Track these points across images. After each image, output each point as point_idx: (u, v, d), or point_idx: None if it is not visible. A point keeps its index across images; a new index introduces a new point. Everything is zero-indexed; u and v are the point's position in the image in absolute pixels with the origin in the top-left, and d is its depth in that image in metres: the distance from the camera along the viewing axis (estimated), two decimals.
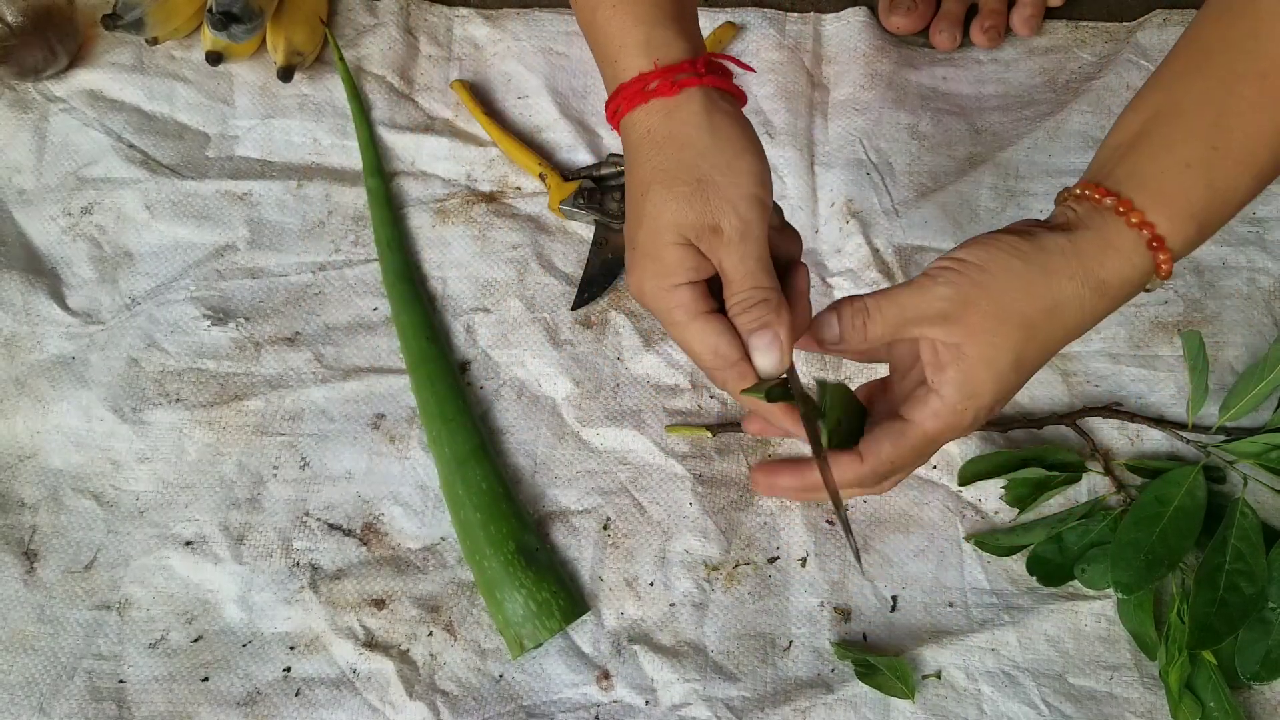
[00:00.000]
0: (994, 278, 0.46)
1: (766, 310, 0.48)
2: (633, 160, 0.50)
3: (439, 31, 0.84)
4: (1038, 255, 0.46)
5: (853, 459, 0.48)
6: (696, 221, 0.47)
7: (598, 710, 0.63)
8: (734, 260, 0.48)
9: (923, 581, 0.65)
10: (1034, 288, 0.46)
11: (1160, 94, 0.48)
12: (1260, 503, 0.64)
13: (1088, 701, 0.62)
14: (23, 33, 0.78)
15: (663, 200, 0.48)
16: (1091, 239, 0.46)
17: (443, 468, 0.67)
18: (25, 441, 0.71)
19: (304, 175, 0.79)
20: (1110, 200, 0.46)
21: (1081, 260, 0.46)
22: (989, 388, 0.47)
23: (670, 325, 0.50)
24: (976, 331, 0.46)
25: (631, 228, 0.50)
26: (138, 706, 0.63)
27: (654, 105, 0.49)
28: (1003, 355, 0.46)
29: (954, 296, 0.46)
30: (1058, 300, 0.46)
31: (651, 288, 0.49)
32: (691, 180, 0.48)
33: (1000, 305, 0.46)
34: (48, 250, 0.77)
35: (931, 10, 0.82)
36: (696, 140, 0.48)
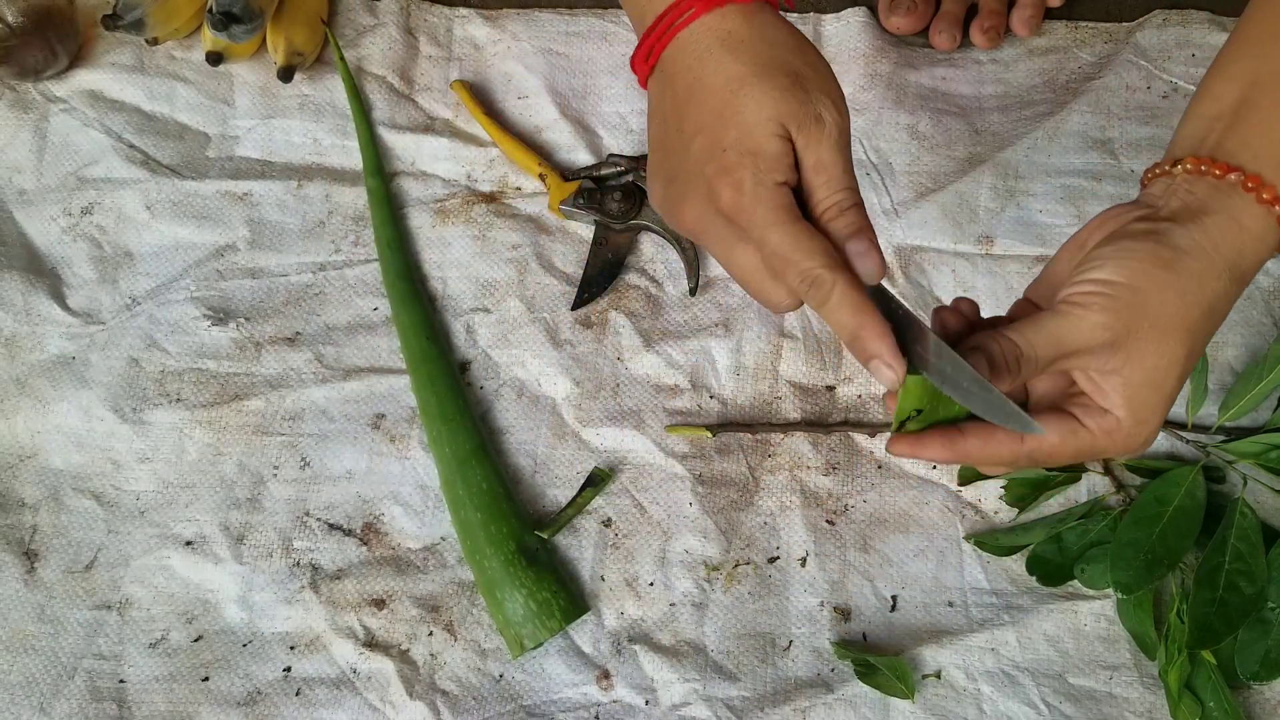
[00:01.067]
0: (1149, 298, 0.43)
1: (861, 215, 0.46)
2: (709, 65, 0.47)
3: (439, 31, 0.84)
4: (1183, 261, 0.43)
5: (1011, 436, 0.45)
6: (799, 111, 0.45)
7: (598, 710, 0.63)
8: (833, 154, 0.45)
9: (922, 581, 0.65)
10: (1188, 297, 0.43)
11: (1253, 61, 0.46)
12: (1260, 502, 0.64)
13: (1087, 701, 0.62)
14: (23, 33, 0.78)
15: (762, 91, 0.45)
16: (1225, 226, 0.44)
17: (443, 467, 0.67)
18: (25, 441, 0.71)
19: (304, 175, 0.79)
20: (1235, 176, 0.44)
21: (1223, 254, 0.44)
22: (1158, 407, 0.45)
23: (770, 227, 0.45)
24: (1140, 356, 0.44)
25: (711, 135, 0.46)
26: (138, 706, 0.63)
27: (730, 10, 0.47)
28: (1169, 372, 0.44)
29: (1114, 325, 0.43)
30: (1212, 303, 0.44)
31: (753, 185, 0.45)
32: (790, 73, 0.46)
33: (1161, 325, 0.43)
34: (48, 250, 0.77)
35: (931, 11, 0.82)
36: (784, 39, 0.47)
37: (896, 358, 0.43)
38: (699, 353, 0.72)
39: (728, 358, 0.72)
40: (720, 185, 0.46)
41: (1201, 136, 0.46)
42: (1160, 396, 0.44)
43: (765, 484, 0.68)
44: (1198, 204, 0.44)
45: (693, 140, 0.48)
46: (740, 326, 0.73)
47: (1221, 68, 0.47)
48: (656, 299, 0.74)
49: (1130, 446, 0.45)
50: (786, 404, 0.70)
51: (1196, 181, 0.45)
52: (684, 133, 0.48)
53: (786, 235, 0.44)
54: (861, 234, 0.45)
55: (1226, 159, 0.45)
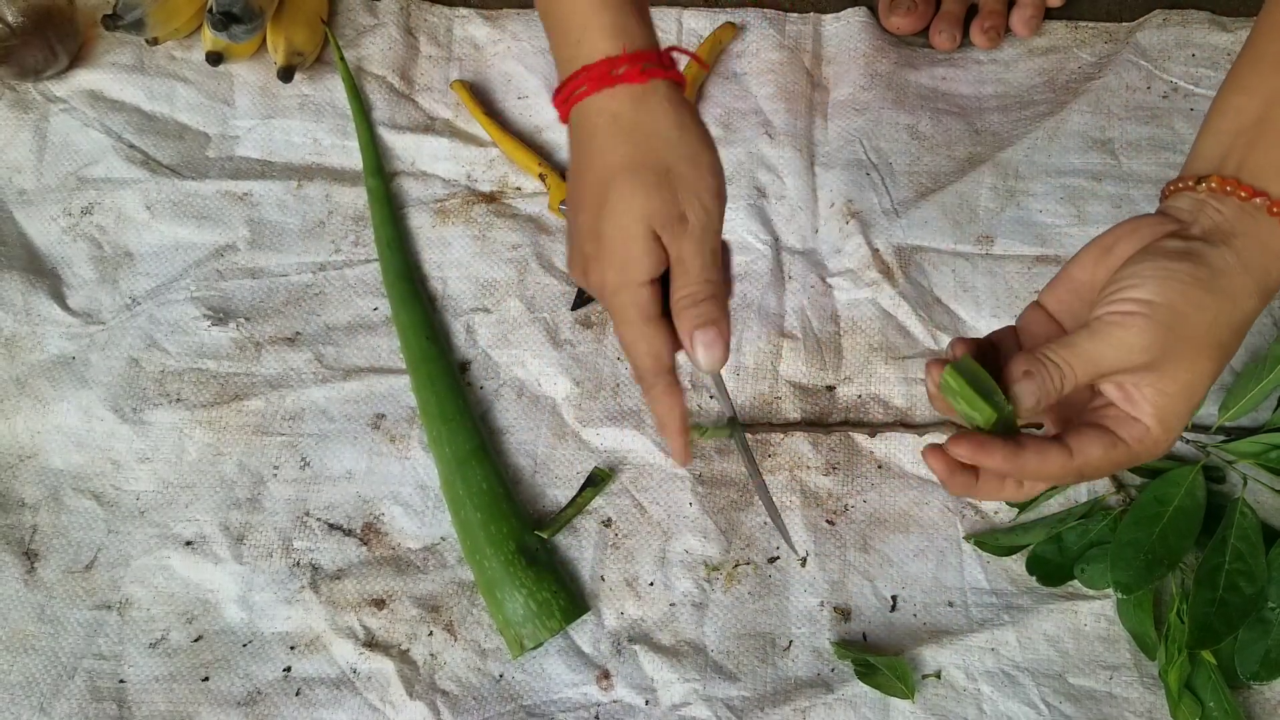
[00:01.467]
0: (1187, 318, 0.44)
1: (714, 307, 0.49)
2: (592, 148, 0.50)
3: (439, 31, 0.84)
4: (1219, 282, 0.44)
5: (1062, 452, 0.45)
6: (663, 211, 0.48)
7: (598, 710, 0.63)
8: (693, 250, 0.48)
9: (922, 581, 0.65)
10: (1222, 316, 0.44)
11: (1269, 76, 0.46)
12: (1259, 502, 0.64)
13: (1087, 701, 0.62)
14: (23, 33, 0.78)
15: (631, 190, 0.48)
16: (1254, 249, 0.45)
17: (443, 467, 0.67)
18: (26, 441, 0.71)
19: (304, 175, 0.79)
20: (1260, 201, 0.45)
21: (1253, 275, 0.45)
22: (1185, 416, 0.46)
23: (622, 323, 0.50)
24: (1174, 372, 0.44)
25: (590, 218, 0.50)
26: (138, 706, 0.63)
27: (620, 91, 0.49)
28: (1199, 386, 0.45)
29: (1153, 346, 0.44)
30: (1241, 322, 0.45)
31: (615, 283, 0.49)
32: (660, 170, 0.48)
33: (1197, 343, 0.44)
34: (48, 250, 0.77)
35: (931, 11, 0.82)
36: (664, 131, 0.49)
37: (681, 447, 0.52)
38: None
39: None
40: (591, 269, 0.51)
41: (1223, 154, 0.46)
42: (1189, 407, 0.45)
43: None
44: (1227, 225, 0.45)
45: (579, 214, 0.51)
46: (740, 326, 0.72)
47: (1239, 82, 0.48)
48: None
49: (1157, 452, 0.47)
50: (786, 404, 0.70)
51: (1223, 201, 0.46)
52: (575, 200, 0.52)
53: (630, 333, 0.50)
54: (708, 326, 0.49)
55: (1251, 181, 0.45)
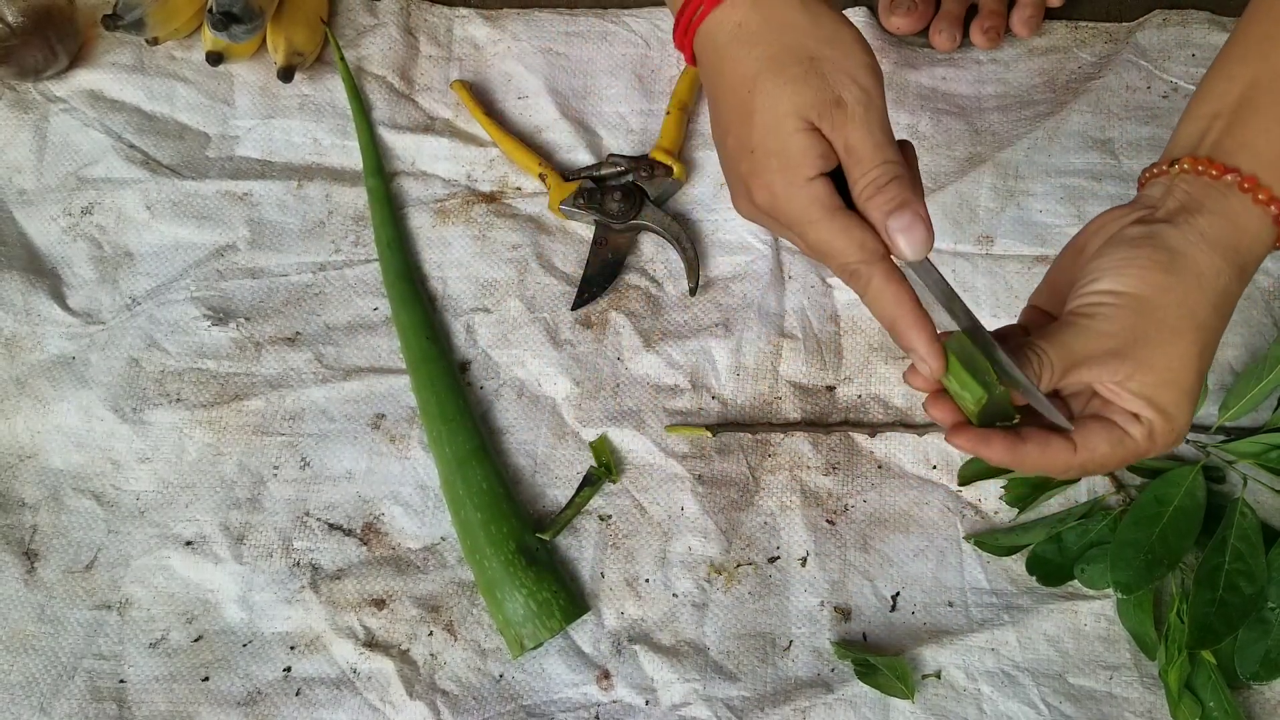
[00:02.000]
0: (1152, 304, 0.44)
1: (901, 188, 0.44)
2: (726, 62, 0.47)
3: (439, 31, 0.84)
4: (1181, 263, 0.44)
5: (1066, 446, 0.46)
6: (817, 99, 0.44)
7: (598, 710, 0.63)
8: (861, 134, 0.44)
9: (922, 581, 0.65)
10: (1191, 297, 0.44)
11: (1251, 63, 0.46)
12: (1259, 502, 0.64)
13: (1087, 701, 0.62)
14: (23, 33, 0.78)
15: (776, 87, 0.45)
16: (1220, 224, 0.44)
17: (443, 467, 0.67)
18: (25, 441, 0.71)
19: (304, 175, 0.79)
20: (1232, 177, 0.44)
21: (1220, 251, 0.44)
22: (1183, 404, 0.45)
23: (807, 225, 0.46)
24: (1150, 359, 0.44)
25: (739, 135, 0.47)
26: (138, 706, 0.63)
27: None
28: (1184, 371, 0.44)
29: (1121, 333, 0.44)
30: (1215, 300, 0.44)
31: (783, 186, 0.45)
32: (802, 59, 0.45)
33: (1168, 327, 0.44)
34: (48, 250, 0.77)
35: (931, 11, 0.82)
36: (795, 20, 0.46)
37: (932, 352, 0.44)
38: (699, 353, 0.72)
39: (728, 358, 0.72)
40: (754, 187, 0.47)
41: (1200, 136, 0.46)
42: (1181, 392, 0.45)
43: (765, 484, 0.68)
44: (1193, 203, 0.45)
45: (725, 138, 0.48)
46: (740, 326, 0.73)
47: (1221, 68, 0.47)
48: (656, 299, 0.74)
49: (1169, 441, 0.46)
50: (786, 404, 0.70)
51: (1193, 181, 0.45)
52: (719, 128, 0.49)
53: (820, 231, 0.45)
54: (902, 209, 0.44)
55: (1224, 159, 0.45)
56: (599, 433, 0.70)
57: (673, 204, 0.78)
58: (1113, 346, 0.44)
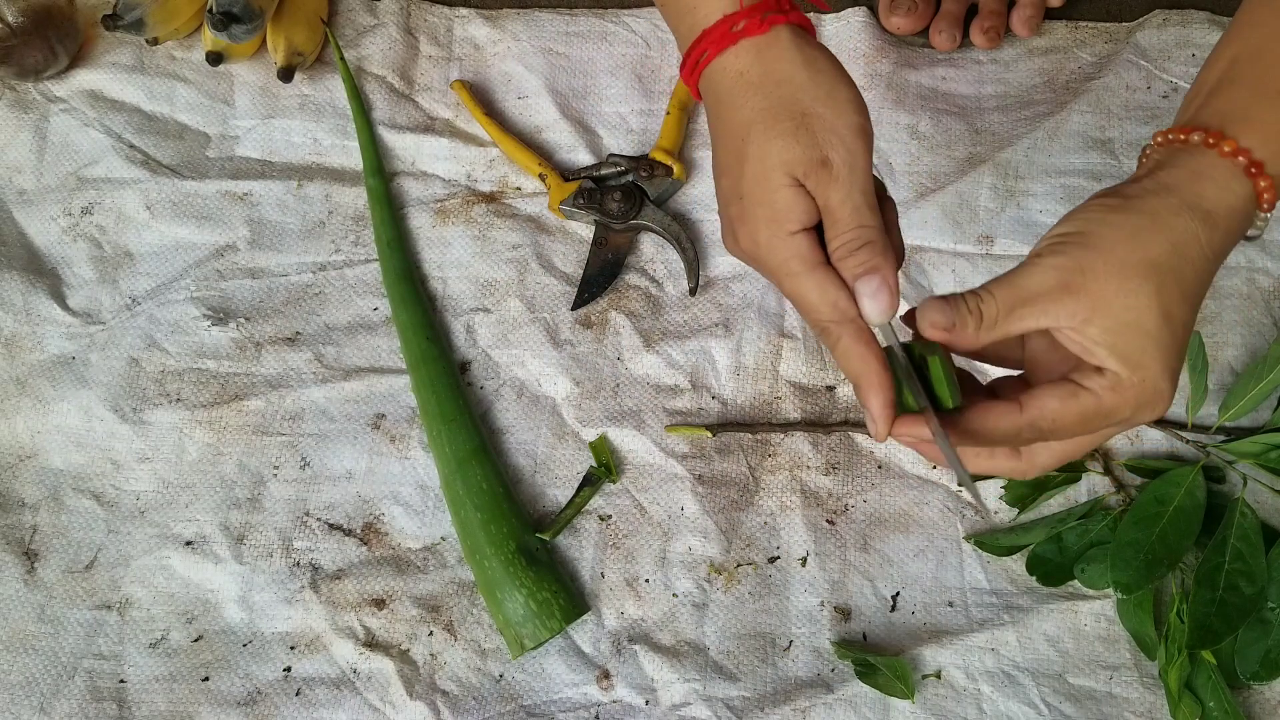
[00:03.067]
0: (1099, 237, 0.43)
1: (873, 253, 0.45)
2: (725, 108, 0.48)
3: (439, 31, 0.84)
4: (1133, 204, 0.44)
5: (1010, 407, 0.44)
6: (804, 157, 0.46)
7: (598, 710, 0.63)
8: (840, 196, 0.46)
9: (922, 581, 0.65)
10: (1143, 234, 0.43)
11: (1236, 44, 0.47)
12: (1260, 503, 0.64)
13: (1087, 701, 0.62)
14: (23, 33, 0.78)
15: (767, 140, 0.46)
16: (1180, 173, 0.44)
17: (443, 467, 0.67)
18: (25, 441, 0.71)
19: (304, 175, 0.79)
20: (1197, 136, 0.44)
21: (1178, 194, 0.43)
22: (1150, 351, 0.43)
23: (785, 277, 0.47)
24: (1104, 296, 0.42)
25: (732, 179, 0.48)
26: (138, 706, 0.63)
27: (743, 46, 0.47)
28: (1145, 311, 0.42)
29: (1066, 265, 0.43)
30: (1173, 239, 0.43)
31: (766, 237, 0.46)
32: (795, 115, 0.46)
33: (1117, 261, 0.42)
34: (48, 250, 0.77)
35: (932, 11, 0.82)
36: (793, 75, 0.47)
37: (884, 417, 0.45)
38: (699, 353, 0.72)
39: (728, 358, 0.72)
40: (740, 232, 0.48)
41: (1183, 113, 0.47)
42: (1148, 340, 0.43)
43: (765, 484, 0.68)
44: (1155, 164, 0.45)
45: (721, 179, 0.49)
46: (740, 326, 0.73)
47: (1211, 57, 0.49)
48: (656, 299, 0.74)
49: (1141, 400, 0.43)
50: (786, 404, 0.70)
51: (1166, 150, 0.46)
52: (716, 168, 0.50)
53: (798, 284, 0.46)
54: (870, 275, 0.45)
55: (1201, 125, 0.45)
56: (599, 433, 0.70)
57: (673, 204, 0.78)
58: (1060, 280, 0.43)
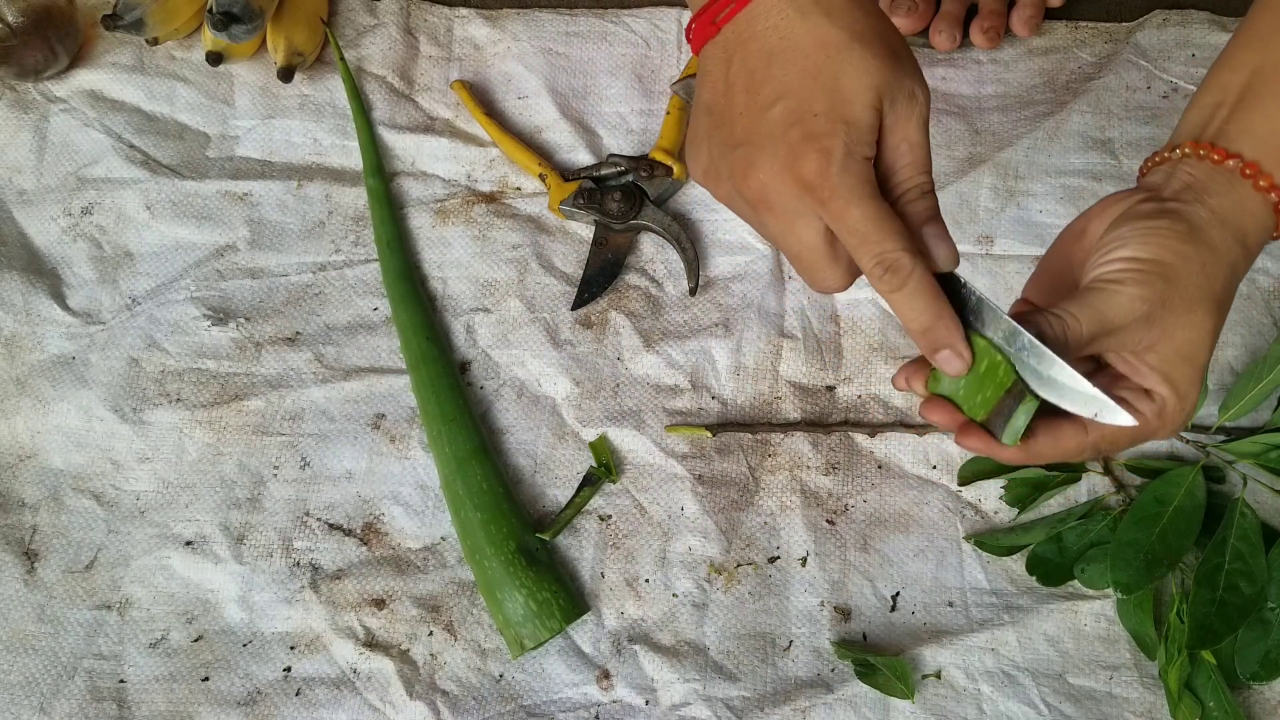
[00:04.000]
0: (1177, 270, 0.43)
1: (936, 202, 0.46)
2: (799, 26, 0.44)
3: (439, 32, 0.84)
4: (1201, 234, 0.44)
5: (1076, 430, 0.45)
6: (896, 84, 0.44)
7: (598, 710, 0.63)
8: (921, 135, 0.45)
9: (922, 581, 0.65)
10: (1209, 269, 0.44)
11: (1255, 52, 0.47)
12: (1260, 503, 0.64)
13: (1087, 701, 0.62)
14: (23, 33, 0.78)
15: (864, 59, 0.44)
16: (1229, 205, 0.45)
17: (443, 467, 0.67)
18: (25, 441, 0.71)
19: (304, 175, 0.79)
20: (1234, 163, 0.45)
21: (1230, 227, 0.45)
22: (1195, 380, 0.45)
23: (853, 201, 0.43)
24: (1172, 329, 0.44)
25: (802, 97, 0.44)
26: (138, 706, 0.63)
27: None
28: (1202, 345, 0.45)
29: (1150, 297, 0.43)
30: (1229, 274, 0.45)
31: (842, 155, 0.43)
32: (889, 44, 0.45)
33: (1190, 296, 0.44)
34: (48, 250, 0.77)
35: (932, 11, 0.82)
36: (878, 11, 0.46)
37: (966, 348, 0.45)
38: (699, 353, 0.72)
39: (728, 358, 0.72)
40: (806, 151, 0.44)
41: (1204, 123, 0.47)
42: (1195, 369, 0.45)
43: (765, 484, 0.68)
44: (1199, 184, 0.45)
45: (773, 105, 0.45)
46: (740, 326, 0.73)
47: (1226, 59, 0.48)
48: (656, 299, 0.74)
49: (1177, 423, 0.46)
50: (786, 404, 0.70)
51: (1196, 165, 0.46)
52: (759, 96, 0.46)
53: (870, 212, 0.43)
54: (938, 220, 0.46)
55: (1226, 145, 0.45)
56: (599, 433, 0.70)
57: (673, 204, 0.78)
58: (1144, 311, 0.43)
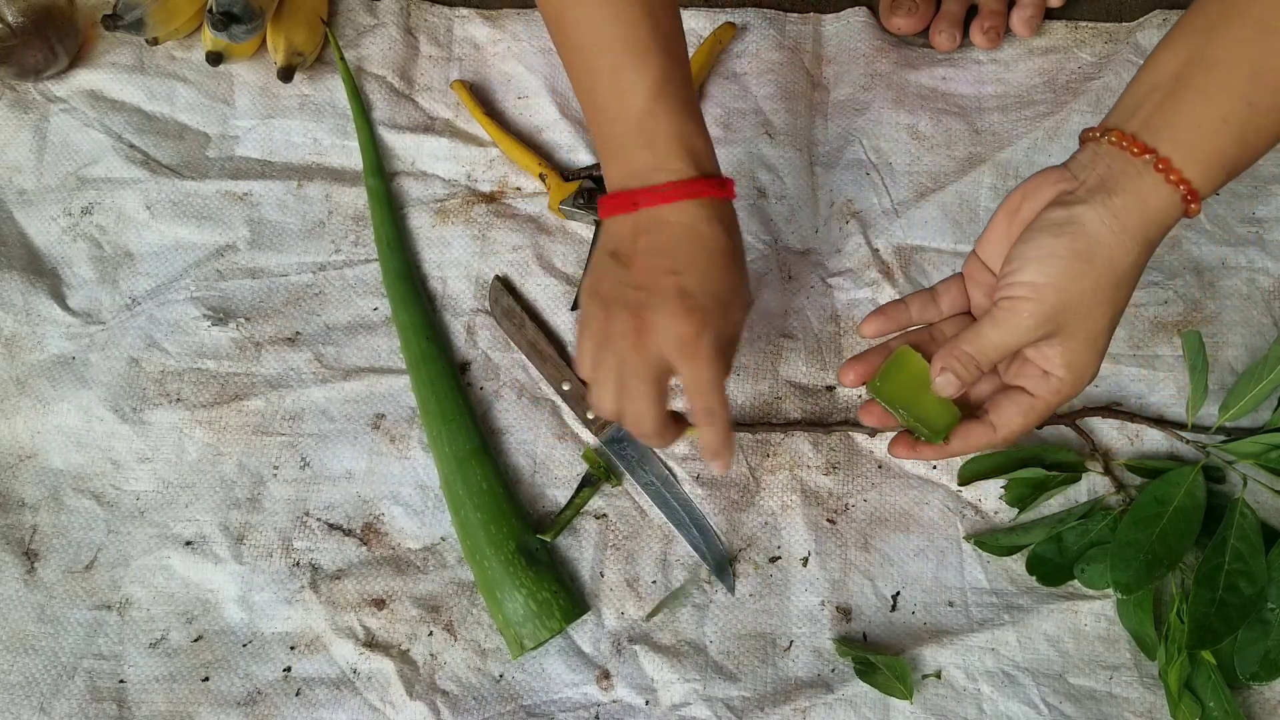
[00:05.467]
0: (1069, 290, 0.49)
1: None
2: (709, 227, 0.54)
3: (439, 31, 0.84)
4: (1095, 250, 0.49)
5: (986, 430, 0.54)
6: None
7: (598, 710, 0.63)
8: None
9: (923, 581, 0.65)
10: (1104, 279, 0.49)
11: (1195, 39, 0.49)
12: (1260, 503, 0.64)
13: (1087, 701, 0.62)
14: (23, 33, 0.78)
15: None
16: (1133, 208, 0.48)
17: (443, 467, 0.67)
18: (25, 441, 0.71)
19: (304, 175, 0.79)
20: (1149, 157, 0.48)
21: (1130, 233, 0.48)
22: (1094, 360, 0.51)
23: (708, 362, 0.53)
24: (1072, 332, 0.50)
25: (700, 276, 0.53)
26: (138, 706, 0.63)
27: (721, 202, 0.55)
28: (1102, 336, 0.51)
29: (1045, 322, 0.50)
30: (1123, 274, 0.49)
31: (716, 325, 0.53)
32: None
33: (1087, 304, 0.49)
34: (48, 250, 0.77)
35: (932, 11, 0.82)
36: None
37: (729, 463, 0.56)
38: None
39: None
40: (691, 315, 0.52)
41: (1136, 105, 0.50)
42: (1094, 353, 0.51)
43: (766, 484, 0.68)
44: (1113, 181, 0.49)
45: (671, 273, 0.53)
46: None
47: (1169, 41, 0.50)
48: None
49: (1075, 393, 0.53)
50: (786, 404, 0.70)
51: (1116, 155, 0.49)
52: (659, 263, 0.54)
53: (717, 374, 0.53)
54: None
55: (1148, 137, 0.48)
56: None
57: None
58: (1043, 334, 0.50)
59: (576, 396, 0.71)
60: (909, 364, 0.55)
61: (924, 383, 0.54)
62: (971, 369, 0.52)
